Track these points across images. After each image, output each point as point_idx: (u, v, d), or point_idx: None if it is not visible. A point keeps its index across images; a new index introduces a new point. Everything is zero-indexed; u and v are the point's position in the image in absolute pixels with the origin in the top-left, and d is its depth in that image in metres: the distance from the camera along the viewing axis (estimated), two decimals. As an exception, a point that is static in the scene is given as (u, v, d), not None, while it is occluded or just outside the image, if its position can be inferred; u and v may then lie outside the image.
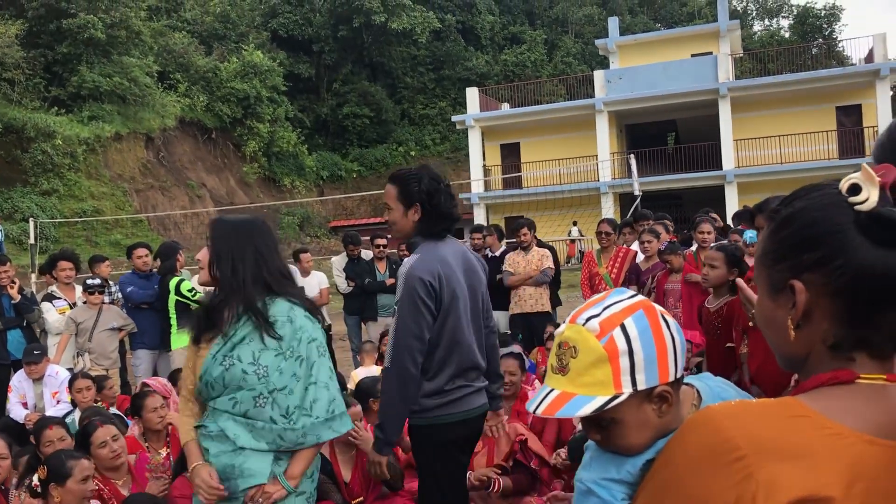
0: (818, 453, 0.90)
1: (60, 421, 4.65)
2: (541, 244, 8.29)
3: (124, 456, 4.04)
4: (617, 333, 1.33)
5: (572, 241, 27.75)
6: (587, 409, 1.31)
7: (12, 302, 7.26)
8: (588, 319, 1.36)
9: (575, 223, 28.01)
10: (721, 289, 4.38)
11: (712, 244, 6.00)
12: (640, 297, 1.42)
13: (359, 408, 4.23)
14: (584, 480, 1.43)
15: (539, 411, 1.34)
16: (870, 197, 0.97)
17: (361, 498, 4.18)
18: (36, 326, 7.50)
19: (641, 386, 1.32)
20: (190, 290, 7.28)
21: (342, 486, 4.18)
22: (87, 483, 3.45)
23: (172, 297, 7.28)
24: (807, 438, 0.92)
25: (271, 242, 2.85)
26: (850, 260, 0.98)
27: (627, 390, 1.32)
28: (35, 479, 3.44)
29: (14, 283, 7.35)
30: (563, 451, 4.17)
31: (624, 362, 1.32)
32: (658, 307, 1.42)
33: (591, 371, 1.32)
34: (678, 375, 1.37)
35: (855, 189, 0.99)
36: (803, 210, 1.04)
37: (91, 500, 3.65)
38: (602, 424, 1.36)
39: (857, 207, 0.98)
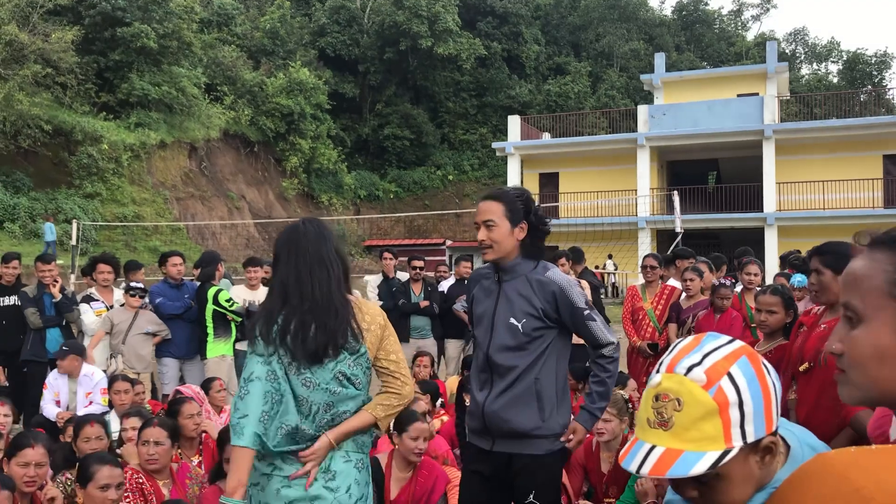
0: None
1: (100, 419, 4.66)
2: (584, 275, 8.13)
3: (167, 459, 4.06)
4: (725, 383, 1.24)
5: (599, 272, 27.58)
6: (700, 467, 1.21)
7: (53, 301, 7.34)
8: (690, 369, 1.26)
9: (610, 256, 27.81)
10: (775, 333, 4.27)
11: (759, 287, 5.88)
12: (739, 342, 1.32)
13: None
14: None
15: (644, 471, 1.24)
16: None
17: None
18: (74, 326, 7.55)
19: (751, 438, 1.24)
20: (228, 301, 7.28)
21: (386, 500, 4.19)
22: (108, 492, 3.39)
23: (210, 307, 7.30)
24: None
25: None
26: None
27: (738, 444, 1.23)
28: (68, 474, 3.43)
29: (56, 282, 7.43)
30: None
31: (734, 414, 1.23)
32: (758, 352, 1.34)
33: (700, 425, 1.23)
34: (778, 424, 1.30)
35: None
36: None
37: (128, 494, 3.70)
38: (702, 480, 1.26)
39: None
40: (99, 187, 25.90)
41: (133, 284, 7.36)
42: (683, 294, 7.04)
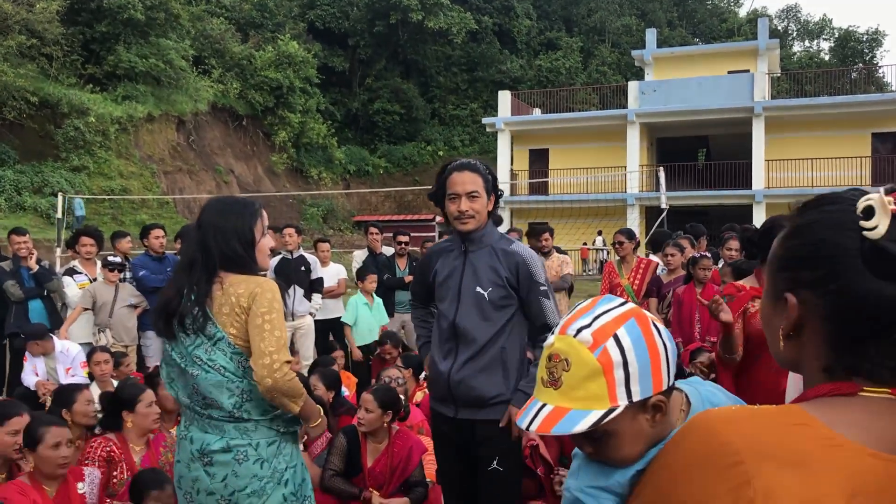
0: (818, 463, 0.88)
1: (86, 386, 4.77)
2: (559, 251, 8.24)
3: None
4: (610, 344, 1.28)
5: (586, 247, 27.67)
6: (583, 425, 1.26)
7: (31, 272, 7.32)
8: (579, 330, 1.30)
9: (600, 232, 27.87)
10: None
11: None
12: (630, 305, 1.37)
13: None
14: (572, 489, 1.39)
15: (532, 428, 1.28)
16: (879, 226, 0.95)
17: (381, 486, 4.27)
18: (56, 297, 7.54)
19: (637, 397, 1.28)
20: None
21: (365, 471, 4.26)
22: (60, 449, 3.43)
23: None
24: (807, 447, 0.89)
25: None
26: (845, 287, 0.96)
27: (623, 403, 1.27)
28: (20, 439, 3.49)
29: (32, 253, 7.40)
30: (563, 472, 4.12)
31: (619, 374, 1.27)
32: (649, 314, 1.37)
33: (586, 384, 1.27)
34: (670, 383, 1.33)
35: (869, 212, 0.96)
36: (813, 224, 1.02)
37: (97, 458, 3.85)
38: (595, 437, 1.31)
39: (865, 234, 0.95)
40: (86, 160, 25.67)
41: (110, 259, 7.32)
42: (662, 268, 7.08)
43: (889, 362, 0.96)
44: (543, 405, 1.30)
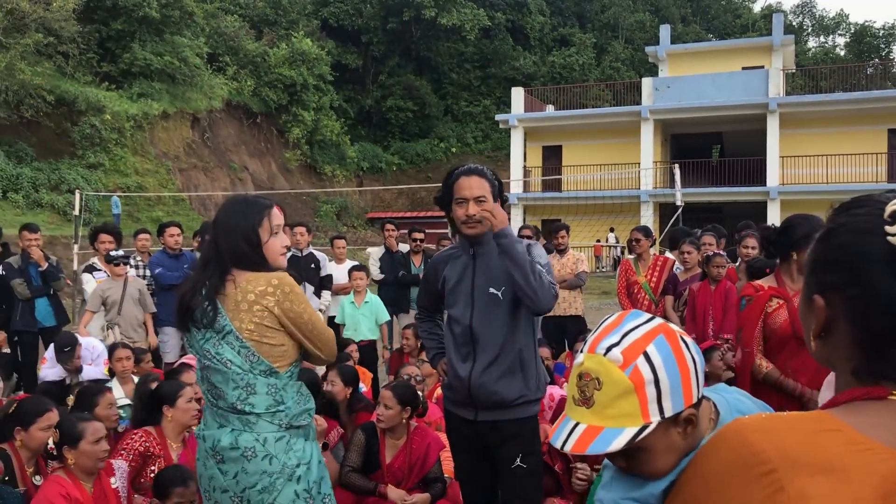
0: (850, 468, 0.88)
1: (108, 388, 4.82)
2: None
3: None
4: (641, 363, 1.29)
5: (599, 243, 27.62)
6: (618, 443, 1.28)
7: (39, 270, 7.38)
8: (609, 349, 1.31)
9: (612, 229, 27.81)
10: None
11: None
12: (658, 320, 1.38)
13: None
14: (605, 502, 1.41)
15: (567, 447, 1.30)
16: None
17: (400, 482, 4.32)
18: (63, 295, 7.58)
19: (669, 413, 1.30)
20: None
21: (384, 467, 4.30)
22: (101, 444, 3.51)
23: None
24: (839, 452, 0.90)
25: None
26: (868, 290, 0.97)
27: (655, 419, 1.29)
28: (50, 441, 3.51)
29: (41, 251, 7.46)
30: (582, 467, 4.13)
31: (650, 391, 1.29)
32: (676, 328, 1.38)
33: (618, 403, 1.29)
34: (700, 395, 1.35)
35: (895, 216, 0.97)
36: (841, 228, 1.03)
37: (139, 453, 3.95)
38: (628, 452, 1.32)
39: (889, 238, 0.96)
40: (102, 158, 25.88)
41: (112, 253, 7.25)
42: (678, 266, 7.08)
43: None
44: (577, 424, 1.32)
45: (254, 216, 2.79)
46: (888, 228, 0.96)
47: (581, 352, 1.37)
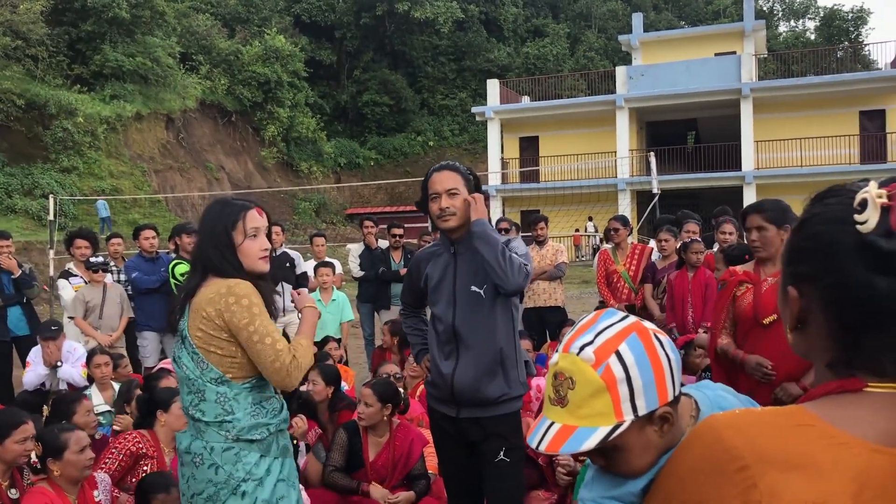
0: (824, 462, 0.88)
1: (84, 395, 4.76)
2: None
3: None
4: (613, 361, 1.29)
5: (578, 232, 27.73)
6: (591, 443, 1.28)
7: (12, 277, 7.30)
8: (582, 348, 1.32)
9: (590, 218, 27.92)
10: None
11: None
12: (632, 319, 1.38)
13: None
14: (587, 500, 1.42)
15: (542, 447, 1.30)
16: (869, 220, 0.95)
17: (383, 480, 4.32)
18: (39, 301, 7.50)
19: (642, 411, 1.30)
20: (182, 275, 7.11)
21: (367, 465, 4.30)
22: (85, 452, 3.48)
23: (172, 280, 7.20)
24: (812, 447, 0.90)
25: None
26: (839, 280, 0.97)
27: (629, 418, 1.29)
28: (33, 455, 3.47)
29: (10, 259, 7.38)
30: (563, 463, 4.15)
31: (623, 390, 1.29)
32: (650, 326, 1.38)
33: (591, 402, 1.29)
34: (676, 393, 1.35)
35: (865, 204, 0.96)
36: (814, 218, 1.03)
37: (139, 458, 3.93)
38: (605, 452, 1.33)
39: (859, 227, 0.95)
40: (75, 161, 25.61)
41: (92, 260, 7.23)
42: (657, 253, 7.11)
43: (892, 357, 0.97)
44: (552, 424, 1.31)
45: (227, 218, 2.71)
46: (857, 217, 0.96)
47: (557, 351, 1.37)
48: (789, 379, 3.59)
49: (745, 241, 3.93)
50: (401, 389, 4.54)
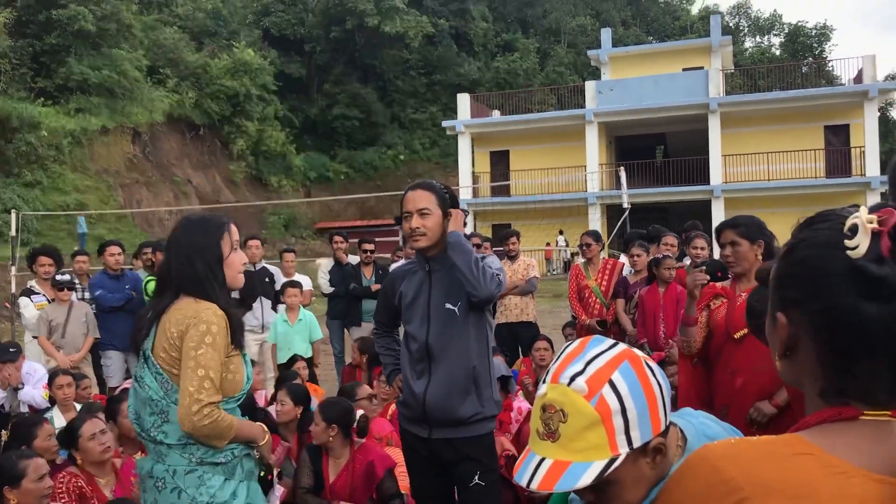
0: (823, 492, 0.87)
1: (44, 419, 4.59)
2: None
3: (112, 450, 3.98)
4: (607, 392, 1.24)
5: (549, 246, 27.85)
6: (587, 479, 1.22)
7: None
8: (573, 378, 1.26)
9: (561, 232, 28.03)
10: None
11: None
12: (622, 346, 1.32)
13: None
14: None
15: (533, 485, 1.23)
16: (860, 245, 0.93)
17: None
18: (0, 319, 7.33)
19: (637, 443, 1.25)
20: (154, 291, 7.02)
21: (326, 486, 4.25)
22: (44, 481, 3.37)
23: (147, 297, 7.08)
24: (813, 477, 0.88)
25: None
26: (829, 307, 0.96)
27: (624, 450, 1.24)
28: None
29: None
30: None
31: (618, 422, 1.23)
32: (641, 354, 1.33)
33: (585, 435, 1.23)
34: (667, 423, 1.30)
35: (855, 230, 0.95)
36: (802, 242, 1.01)
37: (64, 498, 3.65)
38: (596, 486, 1.26)
39: (849, 252, 0.94)
40: (39, 175, 25.17)
41: (58, 278, 7.11)
42: (628, 268, 7.11)
43: (884, 384, 0.95)
44: (542, 459, 1.26)
45: (216, 230, 2.71)
46: (848, 242, 0.94)
47: (544, 382, 1.31)
48: (762, 394, 3.59)
49: (720, 257, 3.91)
50: (360, 412, 4.47)
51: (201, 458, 2.58)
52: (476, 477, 3.16)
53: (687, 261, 6.82)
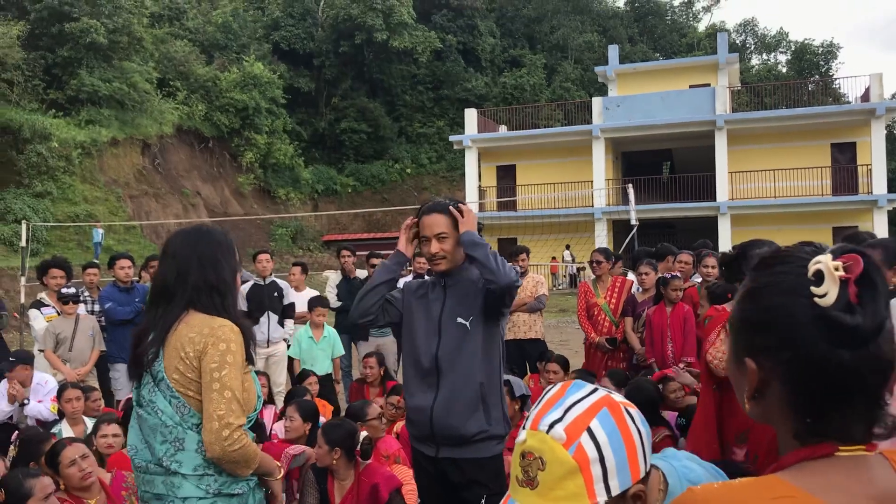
0: None
1: (77, 438, 4.51)
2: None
3: (95, 475, 3.87)
4: (585, 440, 1.23)
5: (555, 260, 27.83)
6: None
7: None
8: (552, 425, 1.25)
9: (568, 247, 28.03)
10: None
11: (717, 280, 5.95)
12: (601, 392, 1.32)
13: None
14: None
15: None
16: (828, 293, 0.94)
17: None
18: (10, 329, 7.34)
19: (616, 492, 1.24)
20: None
21: None
22: (49, 500, 3.36)
23: None
24: None
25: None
26: (800, 354, 0.97)
27: (602, 499, 1.22)
28: None
29: None
30: None
31: (596, 470, 1.23)
32: (620, 399, 1.33)
33: (563, 483, 1.22)
34: (647, 468, 1.30)
35: (820, 276, 0.96)
36: (766, 288, 1.02)
37: None
38: None
39: (816, 300, 0.95)
40: (49, 186, 25.31)
41: (63, 291, 7.10)
42: (637, 287, 7.12)
43: (859, 423, 0.97)
44: None
45: (230, 245, 2.62)
46: (815, 289, 0.95)
47: (524, 428, 1.30)
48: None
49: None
50: (363, 433, 4.40)
51: (218, 490, 2.46)
52: (483, 501, 3.14)
53: (697, 279, 6.84)
